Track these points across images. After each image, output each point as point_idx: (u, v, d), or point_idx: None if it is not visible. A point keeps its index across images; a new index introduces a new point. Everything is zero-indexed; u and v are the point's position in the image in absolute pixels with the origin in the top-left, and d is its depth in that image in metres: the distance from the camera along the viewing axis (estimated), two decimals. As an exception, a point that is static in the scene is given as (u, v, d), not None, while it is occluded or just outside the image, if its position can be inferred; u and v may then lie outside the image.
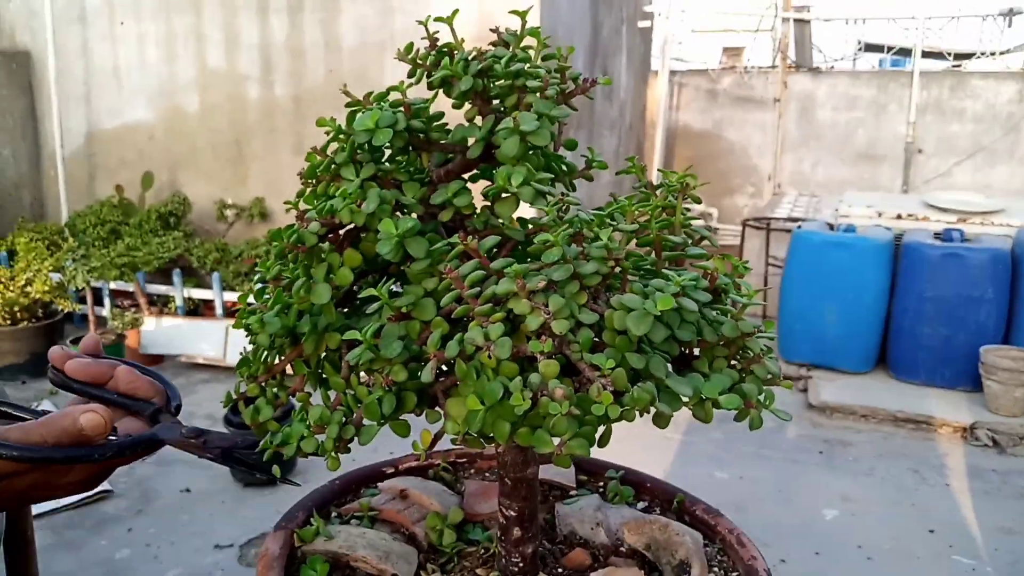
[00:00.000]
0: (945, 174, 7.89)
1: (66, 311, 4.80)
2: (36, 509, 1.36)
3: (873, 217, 5.17)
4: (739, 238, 6.36)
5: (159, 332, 4.82)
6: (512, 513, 0.99)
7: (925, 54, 8.19)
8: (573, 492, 1.23)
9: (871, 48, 9.35)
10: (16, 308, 4.58)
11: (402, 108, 0.83)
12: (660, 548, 1.09)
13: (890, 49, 9.02)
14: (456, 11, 0.82)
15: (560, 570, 1.08)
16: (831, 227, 5.08)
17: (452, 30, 0.85)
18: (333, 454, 0.76)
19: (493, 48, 0.86)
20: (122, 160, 6.05)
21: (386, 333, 0.75)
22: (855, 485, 3.60)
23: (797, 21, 8.45)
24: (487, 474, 1.29)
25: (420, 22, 0.87)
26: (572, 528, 1.13)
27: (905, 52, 8.91)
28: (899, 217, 5.15)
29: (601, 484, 1.28)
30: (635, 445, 3.93)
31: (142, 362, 4.60)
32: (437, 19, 0.83)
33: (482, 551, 1.09)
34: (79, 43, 6.06)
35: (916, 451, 3.96)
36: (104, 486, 3.39)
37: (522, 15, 0.86)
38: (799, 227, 5.06)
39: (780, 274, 5.24)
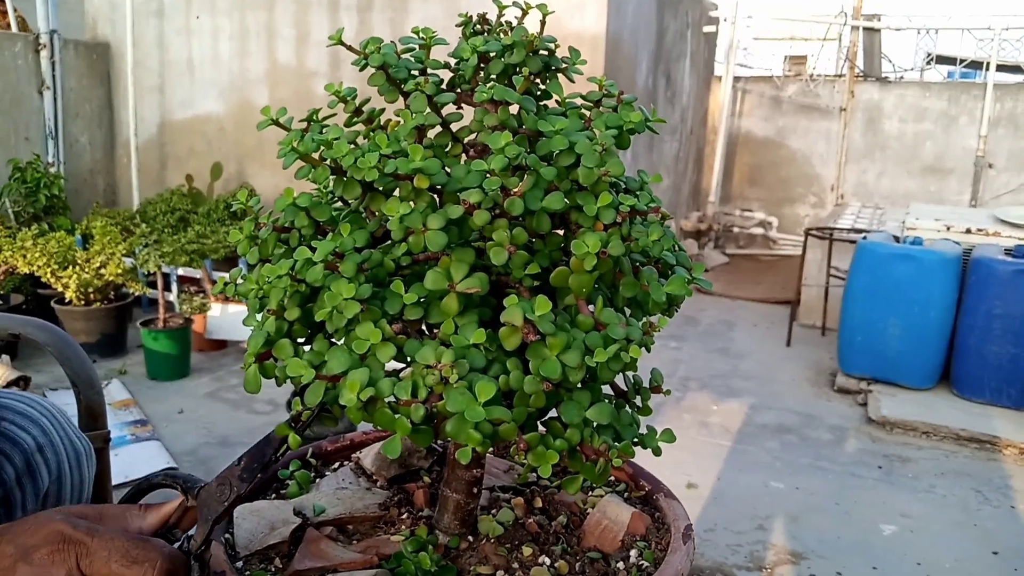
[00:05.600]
0: (1016, 189, 7.67)
1: (136, 294, 4.96)
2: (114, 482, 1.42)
3: (941, 231, 5.05)
4: (800, 248, 6.26)
5: (224, 318, 4.95)
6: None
7: (1000, 67, 7.96)
8: None
9: (942, 60, 9.11)
10: (90, 289, 4.75)
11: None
12: None
13: (962, 61, 8.78)
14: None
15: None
16: (897, 239, 4.97)
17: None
18: None
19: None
20: (192, 150, 6.23)
21: None
22: (915, 502, 3.53)
23: (867, 30, 8.29)
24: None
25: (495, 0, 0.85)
26: None
27: (976, 65, 8.67)
28: (968, 231, 5.02)
29: None
30: (687, 453, 3.91)
31: (207, 348, 4.68)
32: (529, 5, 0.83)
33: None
34: (156, 36, 6.26)
35: (979, 471, 3.86)
36: (169, 463, 3.50)
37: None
38: (864, 238, 4.97)
39: (842, 286, 5.15)
